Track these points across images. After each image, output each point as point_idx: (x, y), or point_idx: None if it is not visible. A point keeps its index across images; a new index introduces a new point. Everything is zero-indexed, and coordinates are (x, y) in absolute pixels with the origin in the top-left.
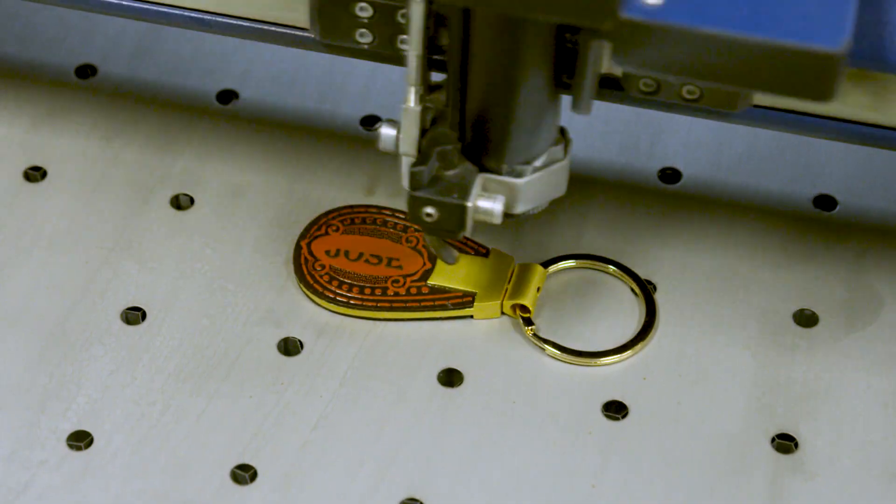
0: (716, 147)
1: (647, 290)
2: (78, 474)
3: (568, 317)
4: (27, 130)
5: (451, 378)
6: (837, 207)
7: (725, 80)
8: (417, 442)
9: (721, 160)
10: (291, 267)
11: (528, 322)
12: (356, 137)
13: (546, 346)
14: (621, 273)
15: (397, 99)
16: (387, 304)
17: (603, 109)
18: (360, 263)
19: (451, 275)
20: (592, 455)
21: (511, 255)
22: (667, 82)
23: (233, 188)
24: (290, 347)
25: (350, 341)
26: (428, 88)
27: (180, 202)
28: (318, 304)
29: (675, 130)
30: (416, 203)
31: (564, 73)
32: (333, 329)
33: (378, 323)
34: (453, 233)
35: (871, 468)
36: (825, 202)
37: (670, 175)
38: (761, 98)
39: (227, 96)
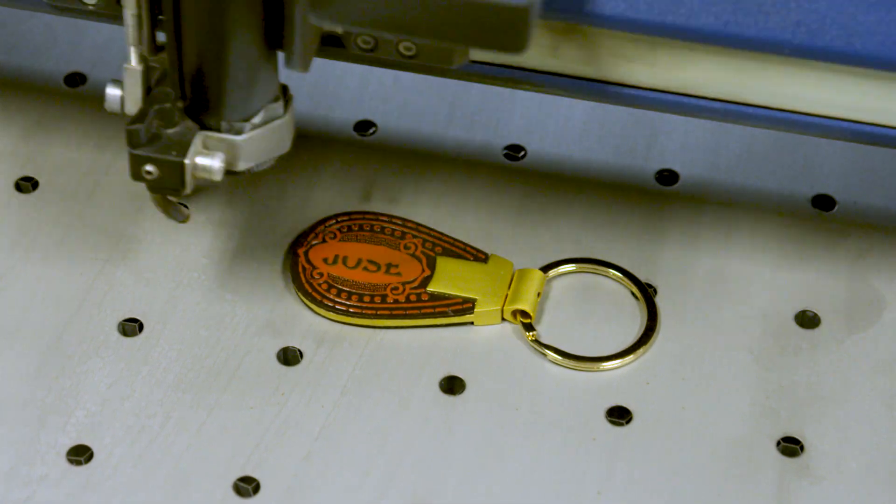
0: (713, 148)
1: (647, 294)
2: (79, 489)
3: (569, 321)
4: (17, 140)
5: (452, 385)
6: (836, 207)
7: (423, 34)
8: (421, 451)
9: (718, 161)
10: (289, 275)
11: (529, 328)
12: (350, 143)
13: (547, 352)
14: (622, 277)
15: (391, 104)
16: (386, 312)
17: (599, 112)
18: (358, 271)
19: (451, 281)
20: (597, 461)
21: (510, 261)
22: (384, 39)
23: (227, 196)
24: (289, 357)
25: (350, 350)
26: (154, 48)
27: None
28: (317, 313)
29: (672, 132)
30: (135, 161)
31: (275, 31)
32: (333, 338)
33: (378, 331)
34: (175, 190)
35: (878, 470)
36: (824, 202)
37: (667, 177)
38: (758, 94)
39: None
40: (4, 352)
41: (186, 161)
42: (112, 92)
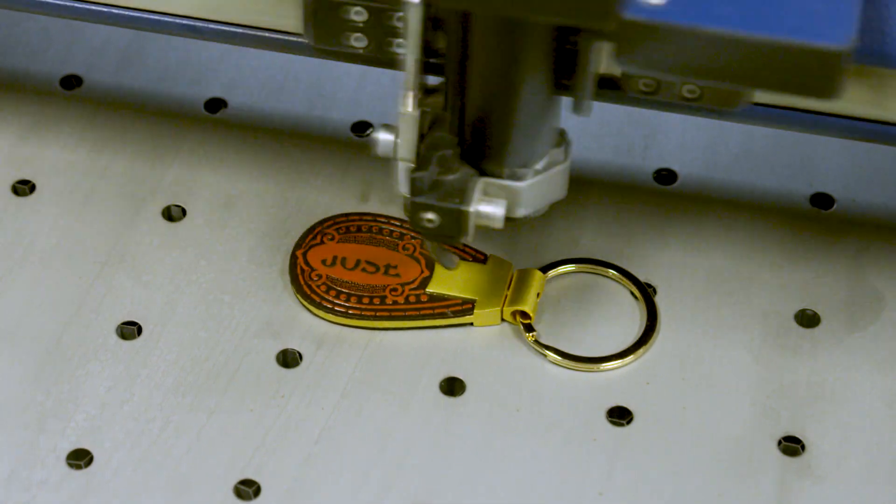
0: (711, 147)
1: (647, 294)
2: (79, 493)
3: (569, 322)
4: (13, 143)
5: (452, 387)
6: (835, 205)
7: (729, 79)
8: (422, 453)
9: (716, 160)
10: (287, 277)
11: (529, 328)
12: (348, 144)
13: (547, 353)
14: (621, 277)
15: (388, 105)
16: (386, 314)
17: (596, 111)
18: (357, 272)
19: (450, 282)
20: (598, 462)
21: (509, 261)
22: (667, 82)
23: (225, 198)
24: (289, 359)
25: (350, 352)
26: (424, 92)
27: (172, 214)
28: (316, 315)
29: (669, 131)
30: (417, 209)
31: (563, 75)
32: (332, 339)
33: (377, 332)
34: (454, 238)
35: (879, 469)
36: (822, 200)
37: (666, 176)
38: (760, 95)
39: (215, 105)
40: (3, 356)
41: (470, 209)
42: (384, 137)
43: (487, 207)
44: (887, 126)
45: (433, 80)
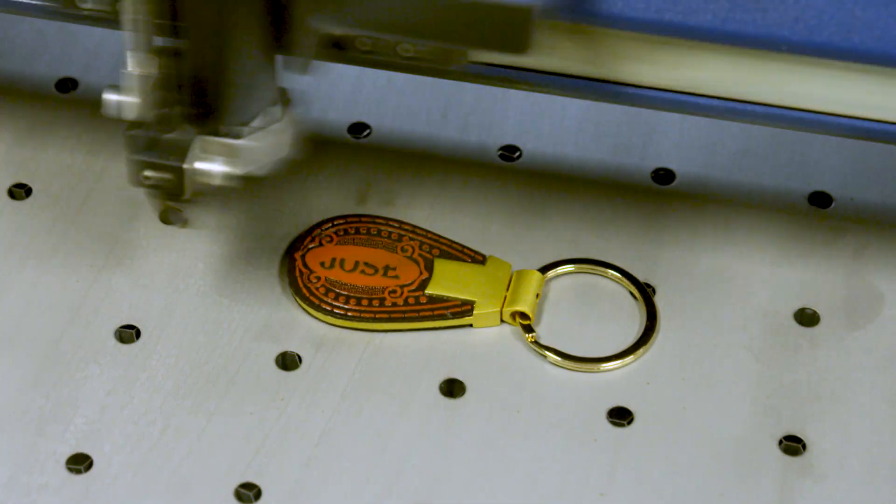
0: (709, 146)
1: (646, 294)
2: (79, 498)
3: (568, 322)
4: (9, 147)
5: (452, 388)
6: (833, 204)
7: (432, 36)
8: (422, 455)
9: (714, 160)
10: (286, 280)
11: (529, 329)
12: (345, 145)
13: (547, 353)
14: (620, 277)
15: (385, 105)
16: (385, 316)
17: (593, 111)
18: (356, 274)
19: (449, 283)
20: (599, 463)
21: (508, 262)
22: (383, 41)
23: (222, 200)
24: (288, 362)
25: (349, 354)
26: (158, 53)
27: (169, 217)
28: (315, 317)
29: (667, 130)
30: (134, 166)
31: (279, 33)
32: (332, 342)
33: (376, 334)
34: (175, 195)
35: (881, 468)
36: (820, 199)
37: (664, 176)
38: (756, 94)
39: None
40: (2, 360)
41: (185, 165)
42: (110, 97)
43: (204, 165)
44: (884, 124)
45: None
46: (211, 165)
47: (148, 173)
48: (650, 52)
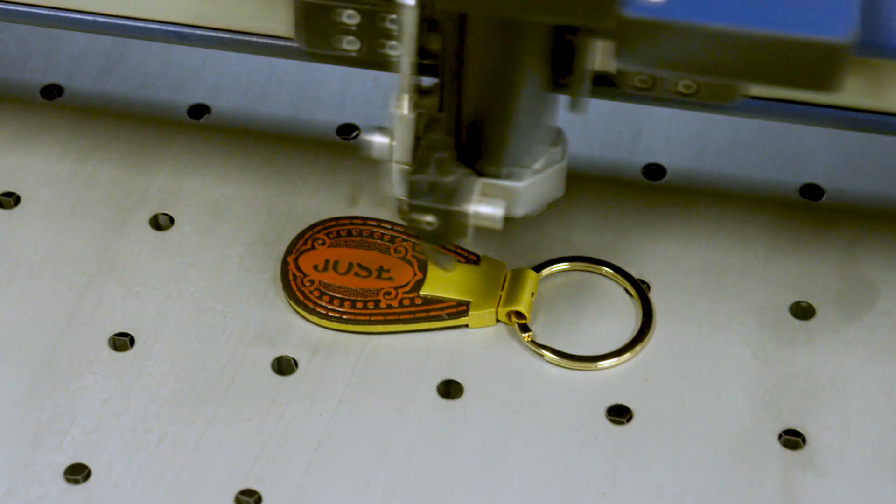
0: (698, 140)
1: (642, 291)
2: None
3: (564, 321)
4: None
5: (450, 390)
6: (825, 196)
7: (728, 75)
8: (423, 457)
9: (704, 154)
10: (279, 284)
11: (525, 328)
12: (334, 147)
13: (544, 352)
14: (615, 274)
15: (372, 107)
16: (380, 318)
17: None
18: (349, 277)
19: (444, 284)
20: (600, 462)
21: (503, 262)
22: (662, 77)
23: (212, 205)
24: (284, 367)
25: (345, 357)
26: (419, 93)
27: (160, 222)
28: (310, 321)
29: (656, 125)
30: (415, 212)
31: (559, 73)
32: (327, 345)
33: (372, 337)
34: (453, 240)
35: (882, 459)
36: (812, 191)
37: (654, 171)
38: (755, 88)
39: (198, 110)
40: None
41: (469, 210)
42: (380, 140)
43: (486, 208)
44: (875, 115)
45: (426, 81)
46: (492, 209)
47: (429, 219)
48: None
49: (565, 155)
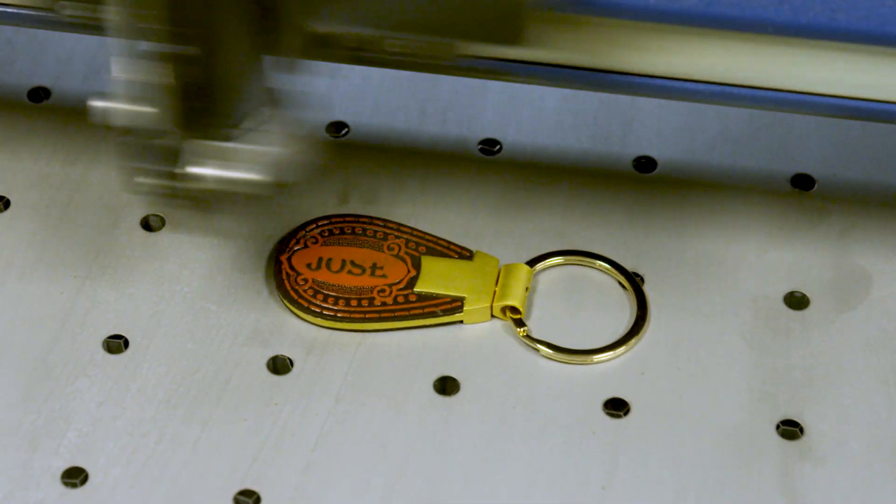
0: (688, 132)
1: (636, 284)
2: None
3: (559, 315)
4: None
5: (446, 386)
6: (816, 185)
7: (420, 30)
8: (421, 455)
9: (694, 146)
10: (273, 283)
11: (520, 323)
12: (324, 144)
13: (540, 347)
14: (609, 267)
15: (361, 104)
16: (375, 315)
17: (571, 101)
18: (343, 275)
19: (438, 280)
20: (599, 456)
21: (496, 257)
22: (369, 37)
23: (203, 205)
24: (279, 366)
25: (341, 356)
26: (138, 58)
27: (150, 223)
28: (304, 320)
29: (645, 118)
30: (128, 172)
31: (266, 34)
32: (322, 344)
33: (367, 335)
34: (169, 199)
35: (880, 448)
36: (803, 181)
37: (645, 164)
38: (742, 77)
39: None
40: None
41: (178, 170)
42: (97, 104)
43: (197, 169)
44: (864, 102)
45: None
46: (203, 169)
47: (141, 179)
48: (635, 37)
49: (279, 114)
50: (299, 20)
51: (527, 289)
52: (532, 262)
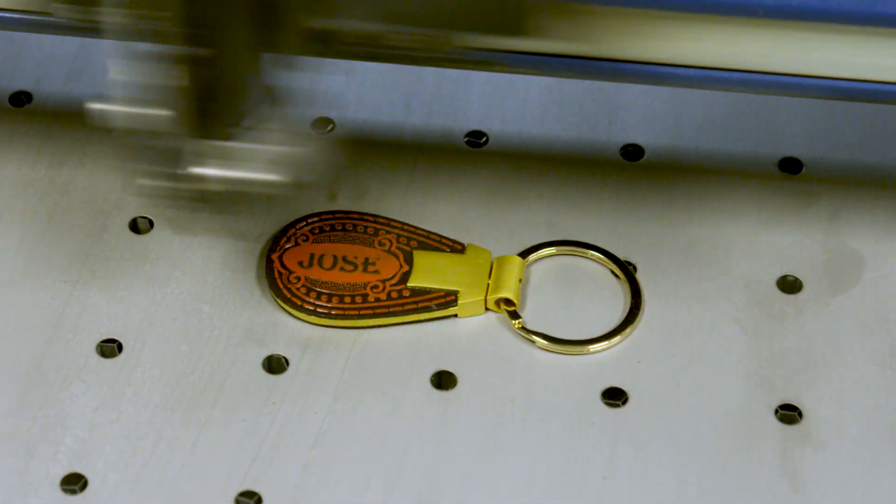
0: (673, 118)
1: (629, 272)
2: None
3: (553, 306)
4: None
5: (443, 381)
6: (804, 169)
7: (422, 23)
8: (421, 451)
9: (681, 132)
10: (265, 282)
11: (515, 315)
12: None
13: (535, 338)
14: (601, 257)
15: (347, 98)
16: (369, 312)
17: (555, 90)
18: (335, 272)
19: (431, 275)
20: (599, 446)
21: (488, 249)
22: (372, 32)
23: (191, 204)
24: (275, 366)
25: (336, 353)
26: (138, 59)
27: (139, 226)
28: (298, 318)
29: (631, 105)
30: (132, 173)
31: (266, 31)
32: (317, 342)
33: (362, 331)
34: (173, 200)
35: (879, 429)
36: (790, 164)
37: (632, 151)
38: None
39: None
40: None
41: (180, 171)
42: (96, 106)
43: (200, 169)
44: (847, 82)
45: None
46: (207, 170)
47: (144, 180)
48: (619, 24)
49: (279, 114)
50: (300, 16)
51: (520, 280)
52: (524, 254)
